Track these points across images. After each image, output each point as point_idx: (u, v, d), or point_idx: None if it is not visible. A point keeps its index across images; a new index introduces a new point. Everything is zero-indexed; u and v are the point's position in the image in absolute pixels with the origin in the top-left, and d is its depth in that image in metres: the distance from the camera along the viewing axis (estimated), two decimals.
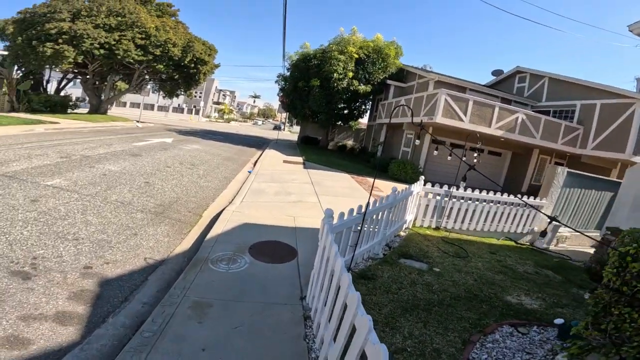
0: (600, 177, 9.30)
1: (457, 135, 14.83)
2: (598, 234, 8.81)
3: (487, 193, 7.39)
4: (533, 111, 14.26)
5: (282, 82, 23.88)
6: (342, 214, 3.63)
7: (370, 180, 12.20)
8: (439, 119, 11.95)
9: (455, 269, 4.83)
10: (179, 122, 37.36)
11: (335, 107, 20.46)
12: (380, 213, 4.74)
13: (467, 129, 12.02)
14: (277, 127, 37.21)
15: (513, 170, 16.26)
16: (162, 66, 22.79)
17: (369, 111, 23.37)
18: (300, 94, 20.87)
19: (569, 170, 7.94)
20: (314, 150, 20.62)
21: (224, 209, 6.31)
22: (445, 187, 6.99)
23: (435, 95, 12.38)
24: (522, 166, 15.81)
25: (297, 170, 12.00)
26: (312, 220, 6.16)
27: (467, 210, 7.15)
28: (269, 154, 16.29)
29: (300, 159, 14.93)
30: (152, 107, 44.99)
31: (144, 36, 20.96)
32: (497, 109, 12.38)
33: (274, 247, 4.78)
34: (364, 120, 25.58)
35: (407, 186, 6.05)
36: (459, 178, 16.42)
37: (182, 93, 29.42)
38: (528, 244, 7.80)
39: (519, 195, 7.67)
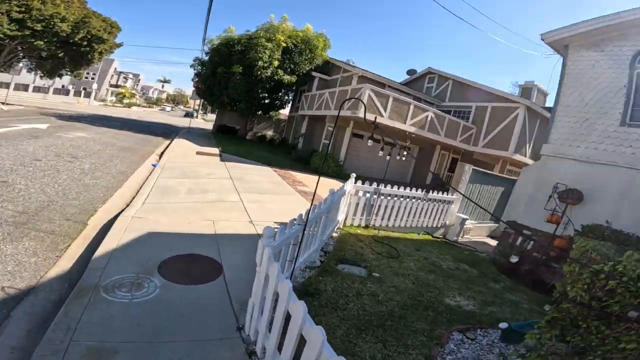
0: (495, 173, 10.62)
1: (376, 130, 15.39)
2: (495, 225, 10.09)
3: (398, 188, 7.61)
4: (439, 110, 15.71)
5: (199, 67, 21.89)
6: (283, 228, 3.01)
7: (295, 174, 11.74)
8: (362, 113, 12.10)
9: (393, 271, 4.70)
10: (63, 105, 30.65)
11: (256, 96, 19.47)
12: (319, 219, 4.26)
13: (386, 124, 12.47)
14: (189, 115, 33.63)
15: (419, 164, 17.78)
16: (42, 42, 19.45)
17: (291, 102, 22.84)
18: (219, 80, 19.38)
19: (474, 167, 8.77)
20: (232, 141, 19.16)
21: (119, 214, 5.01)
22: (375, 185, 6.92)
23: (360, 90, 12.52)
24: (427, 160, 17.40)
25: (214, 163, 10.75)
26: (236, 224, 5.36)
27: (393, 207, 7.24)
28: (179, 144, 14.39)
29: (216, 150, 13.53)
30: (25, 87, 36.06)
31: (23, 9, 17.69)
32: (412, 107, 13.16)
33: (192, 263, 3.89)
34: (285, 111, 24.94)
35: (341, 184, 5.73)
36: (377, 170, 17.01)
37: (68, 73, 24.68)
38: (441, 237, 8.39)
39: (435, 191, 8.16)
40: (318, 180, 3.56)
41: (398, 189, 7.38)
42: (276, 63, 17.76)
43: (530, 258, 6.50)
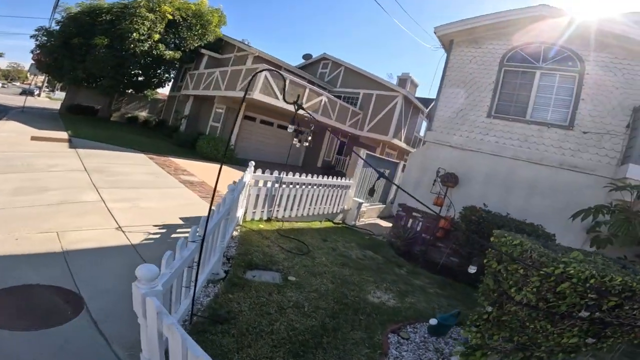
0: (384, 157, 11.38)
1: (269, 112, 14.63)
2: (382, 206, 10.87)
3: (294, 174, 7.27)
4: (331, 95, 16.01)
5: (45, 38, 16.83)
6: (169, 258, 2.08)
7: (177, 161, 9.99)
8: (257, 95, 11.14)
9: (308, 271, 4.25)
10: None
11: (126, 72, 16.33)
12: (218, 226, 3.40)
13: (282, 107, 11.88)
14: (27, 92, 25.20)
15: (310, 147, 17.98)
16: None
17: (172, 80, 19.76)
18: (72, 52, 15.48)
19: (368, 152, 9.11)
20: (91, 123, 15.24)
21: None
22: (276, 173, 6.28)
23: (256, 71, 11.46)
24: (318, 144, 17.71)
25: (59, 152, 8.12)
26: (96, 234, 3.95)
27: (295, 196, 6.79)
28: (4, 127, 10.45)
29: (63, 135, 10.39)
30: None
31: None
32: (307, 90, 12.88)
33: (31, 297, 2.55)
34: (164, 91, 21.50)
35: (234, 171, 4.90)
36: (269, 154, 16.34)
37: None
38: (341, 222, 8.47)
39: (334, 177, 8.10)
40: (219, 174, 2.70)
41: (294, 175, 6.95)
42: (157, 36, 15.18)
43: (420, 239, 7.11)
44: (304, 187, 6.98)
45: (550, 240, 4.77)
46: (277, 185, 6.25)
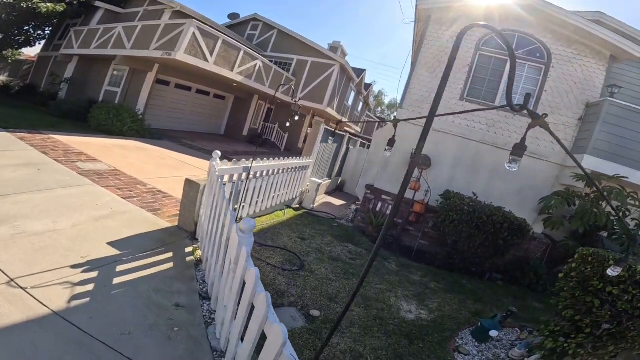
0: (336, 130, 10.69)
1: (189, 76, 12.19)
2: (329, 181, 10.42)
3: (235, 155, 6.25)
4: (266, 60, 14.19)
5: None
6: None
7: (63, 139, 7.31)
8: (181, 56, 8.87)
9: (321, 294, 3.59)
10: None
11: None
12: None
13: (211, 70, 9.88)
14: None
15: (235, 114, 16.12)
16: None
17: (46, 38, 14.54)
18: None
19: (326, 127, 8.33)
20: None
21: None
22: (244, 161, 5.03)
23: (180, 27, 9.04)
24: (243, 111, 15.94)
25: None
26: None
27: (262, 187, 5.70)
28: None
29: None
30: None
31: None
32: (242, 53, 10.99)
33: None
34: (31, 51, 15.88)
35: (149, 146, 3.63)
36: (186, 122, 14.08)
37: None
38: (299, 206, 7.74)
39: (291, 157, 7.18)
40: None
41: (266, 161, 5.84)
42: None
43: (393, 224, 6.96)
44: (271, 175, 5.92)
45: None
46: (244, 177, 5.06)
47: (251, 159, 4.96)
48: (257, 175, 5.46)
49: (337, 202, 9.83)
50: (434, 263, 5.92)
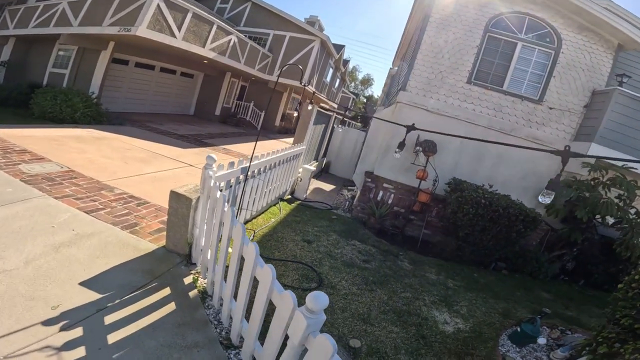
0: (324, 111, 9.98)
1: (152, 54, 10.76)
2: (316, 164, 9.81)
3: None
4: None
5: None
6: None
7: (0, 132, 6.10)
8: (143, 31, 7.57)
9: (351, 316, 3.20)
10: None
11: None
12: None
13: (180, 47, 8.65)
14: None
15: (205, 93, 14.79)
16: None
17: None
18: None
19: (318, 109, 7.66)
20: None
21: None
22: (242, 161, 4.31)
23: None
24: (214, 89, 14.65)
25: None
26: None
27: (258, 186, 5.03)
28: None
29: None
30: None
31: None
32: (215, 28, 9.73)
33: None
34: None
35: (99, 133, 2.99)
36: (149, 104, 12.76)
37: None
38: (291, 196, 7.17)
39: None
40: None
41: (266, 156, 5.14)
42: None
43: (395, 214, 6.63)
44: (268, 170, 5.26)
45: None
46: (242, 179, 4.37)
47: (249, 158, 4.27)
48: (255, 173, 4.80)
49: (327, 186, 9.37)
50: (441, 255, 5.73)
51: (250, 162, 4.35)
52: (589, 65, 5.72)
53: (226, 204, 2.75)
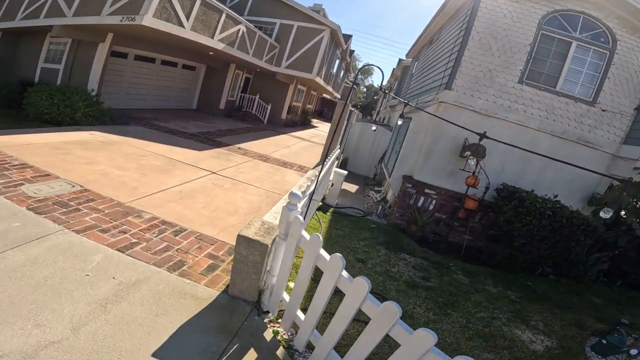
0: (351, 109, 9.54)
1: (153, 46, 10.02)
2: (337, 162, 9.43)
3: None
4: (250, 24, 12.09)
5: None
6: None
7: None
8: (149, 20, 6.86)
9: (443, 349, 2.87)
10: None
11: None
12: None
13: (188, 38, 7.98)
14: None
15: (208, 86, 14.06)
16: None
17: None
18: None
19: (351, 109, 7.22)
20: None
21: None
22: (307, 181, 3.92)
23: None
24: (218, 82, 13.93)
25: None
26: None
27: (310, 204, 4.63)
28: None
29: None
30: None
31: None
32: (224, 16, 9.00)
33: None
34: None
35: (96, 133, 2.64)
36: (151, 98, 12.13)
37: None
38: (322, 203, 6.79)
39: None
40: None
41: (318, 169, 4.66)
42: None
43: (434, 220, 6.35)
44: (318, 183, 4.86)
45: None
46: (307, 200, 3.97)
47: (317, 175, 3.87)
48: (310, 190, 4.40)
49: (350, 187, 9.04)
50: (488, 263, 5.56)
51: (316, 185, 3.95)
52: None
53: (324, 252, 2.38)
